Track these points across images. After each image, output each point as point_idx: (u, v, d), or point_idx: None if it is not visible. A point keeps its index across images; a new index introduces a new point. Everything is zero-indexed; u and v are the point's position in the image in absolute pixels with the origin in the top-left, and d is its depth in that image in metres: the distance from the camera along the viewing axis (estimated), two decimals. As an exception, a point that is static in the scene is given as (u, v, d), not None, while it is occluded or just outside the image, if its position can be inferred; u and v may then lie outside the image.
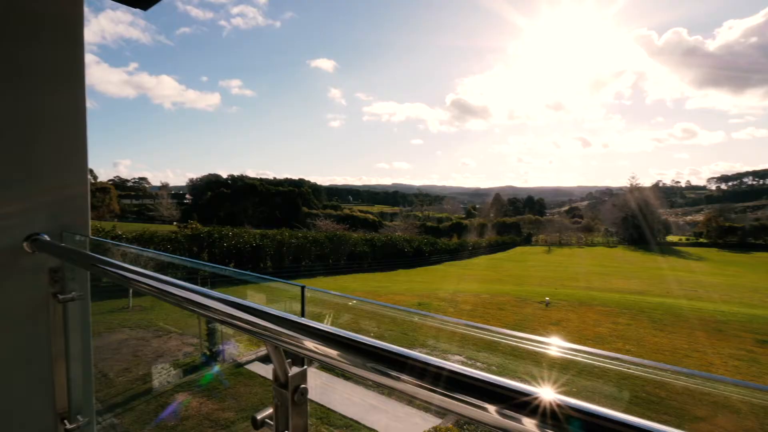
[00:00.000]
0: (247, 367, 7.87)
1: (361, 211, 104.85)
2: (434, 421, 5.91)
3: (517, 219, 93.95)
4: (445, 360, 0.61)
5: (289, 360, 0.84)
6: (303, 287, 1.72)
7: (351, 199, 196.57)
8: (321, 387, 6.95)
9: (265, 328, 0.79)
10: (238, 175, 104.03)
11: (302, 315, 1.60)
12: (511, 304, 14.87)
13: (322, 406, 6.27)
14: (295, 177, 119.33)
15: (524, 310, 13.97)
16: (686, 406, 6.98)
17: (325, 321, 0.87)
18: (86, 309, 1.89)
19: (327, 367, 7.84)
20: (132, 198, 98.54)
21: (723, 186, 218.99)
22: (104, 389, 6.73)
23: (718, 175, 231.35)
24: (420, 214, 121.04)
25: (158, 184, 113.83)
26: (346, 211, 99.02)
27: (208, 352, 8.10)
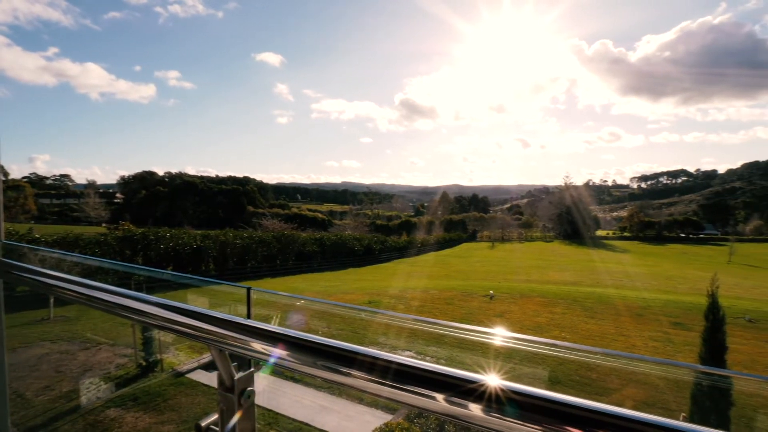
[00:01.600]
0: (188, 376, 7.44)
1: (310, 210, 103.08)
2: (385, 417, 5.97)
3: (463, 216, 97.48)
4: (395, 355, 0.63)
5: (235, 363, 0.81)
6: (249, 289, 1.67)
7: (299, 197, 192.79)
8: (269, 391, 6.75)
9: (208, 332, 0.76)
10: (176, 173, 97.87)
11: (248, 317, 1.54)
12: (458, 298, 15.41)
13: (270, 410, 6.10)
14: (240, 175, 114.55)
15: (470, 304, 14.55)
16: (611, 385, 7.67)
17: (273, 322, 0.85)
18: (-3, 322, 1.69)
19: (275, 371, 7.64)
20: (52, 197, 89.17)
21: (643, 185, 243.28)
22: (20, 411, 6.03)
23: (639, 174, 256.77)
24: (370, 213, 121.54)
25: (84, 182, 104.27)
26: (294, 210, 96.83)
27: (144, 363, 7.54)
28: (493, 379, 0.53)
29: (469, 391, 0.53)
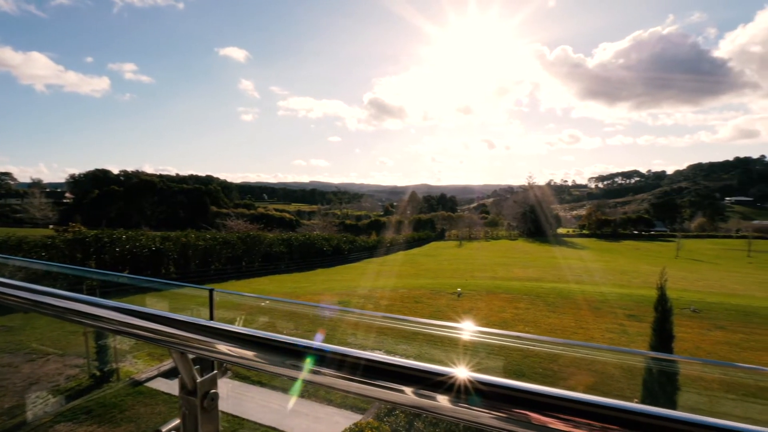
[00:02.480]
0: (148, 384, 7.11)
1: (276, 210, 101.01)
2: (355, 417, 5.96)
3: (432, 216, 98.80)
4: (363, 351, 0.64)
5: (198, 367, 0.79)
6: (211, 290, 1.62)
7: (266, 197, 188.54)
8: (235, 396, 6.57)
9: (169, 335, 0.73)
10: (132, 171, 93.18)
11: (211, 319, 1.50)
12: (426, 296, 15.60)
13: (236, 416, 5.93)
14: (202, 174, 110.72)
15: (439, 302, 14.77)
16: (571, 374, 8.04)
17: (237, 324, 0.84)
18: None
19: (240, 376, 7.44)
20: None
21: (600, 185, 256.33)
22: (-43, 430, 5.55)
23: (596, 175, 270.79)
24: (339, 212, 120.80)
25: (28, 180, 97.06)
26: (261, 209, 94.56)
27: (98, 373, 7.13)
28: (460, 372, 0.55)
29: (437, 383, 0.55)
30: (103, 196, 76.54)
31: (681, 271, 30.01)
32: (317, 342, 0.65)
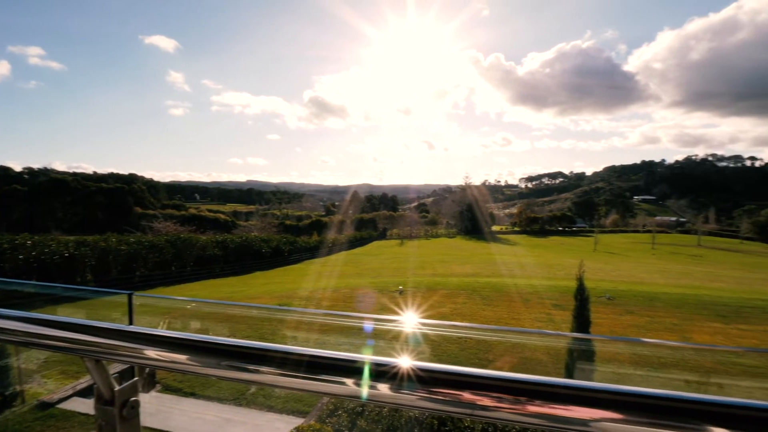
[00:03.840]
0: (61, 406, 6.37)
1: (210, 211, 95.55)
2: (296, 421, 5.83)
3: (374, 215, 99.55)
4: (302, 348, 0.64)
5: (116, 375, 0.73)
6: (130, 294, 1.50)
7: (198, 197, 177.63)
8: (164, 411, 6.12)
9: (81, 343, 0.67)
10: (39, 169, 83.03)
11: (130, 324, 1.39)
12: (369, 296, 15.72)
13: (165, 431, 5.53)
14: (124, 172, 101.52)
15: (381, 300, 14.95)
16: (502, 358, 8.57)
17: (161, 327, 0.79)
18: None
19: (171, 388, 6.95)
20: None
21: (529, 185, 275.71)
22: None
23: (526, 176, 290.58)
24: (278, 213, 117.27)
25: None
26: (193, 210, 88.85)
27: (-2, 397, 6.25)
28: (403, 361, 0.58)
29: (381, 373, 0.57)
30: (3, 197, 67.20)
31: (598, 263, 33.22)
32: (255, 342, 0.64)
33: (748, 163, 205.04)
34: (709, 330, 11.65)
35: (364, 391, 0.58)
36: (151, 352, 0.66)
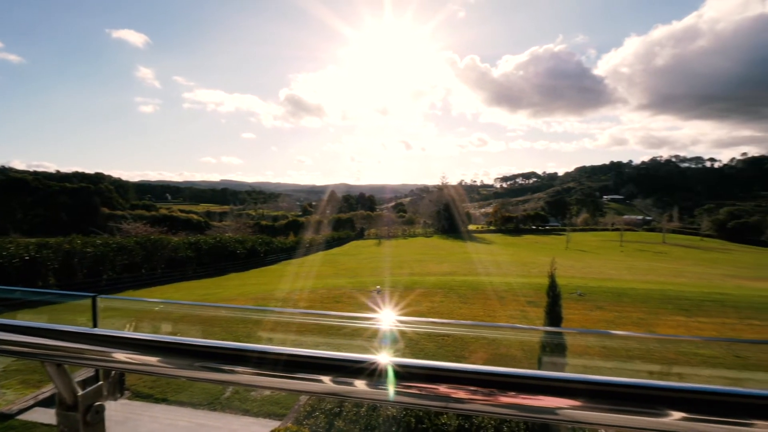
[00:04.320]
0: (21, 417, 6.05)
1: (182, 211, 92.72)
2: (273, 424, 5.75)
3: (351, 215, 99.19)
4: (276, 347, 0.63)
5: (80, 380, 0.70)
6: (94, 296, 1.45)
7: (169, 197, 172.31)
8: (135, 419, 5.91)
9: (41, 347, 0.64)
10: (-3, 168, 78.28)
11: (95, 326, 1.34)
12: (347, 296, 15.65)
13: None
14: (90, 171, 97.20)
15: (359, 300, 14.92)
16: (477, 353, 8.72)
17: (127, 330, 0.77)
18: None
19: (142, 395, 6.72)
20: None
21: (504, 185, 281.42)
22: None
23: (501, 176, 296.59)
24: (254, 213, 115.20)
25: None
26: (164, 211, 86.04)
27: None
28: (382, 358, 0.59)
29: (359, 370, 0.58)
30: (-46, 197, 63.12)
31: (569, 260, 34.28)
32: (230, 342, 0.63)
33: (708, 164, 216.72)
34: (672, 323, 12.23)
35: (343, 388, 0.58)
36: (120, 355, 0.64)
